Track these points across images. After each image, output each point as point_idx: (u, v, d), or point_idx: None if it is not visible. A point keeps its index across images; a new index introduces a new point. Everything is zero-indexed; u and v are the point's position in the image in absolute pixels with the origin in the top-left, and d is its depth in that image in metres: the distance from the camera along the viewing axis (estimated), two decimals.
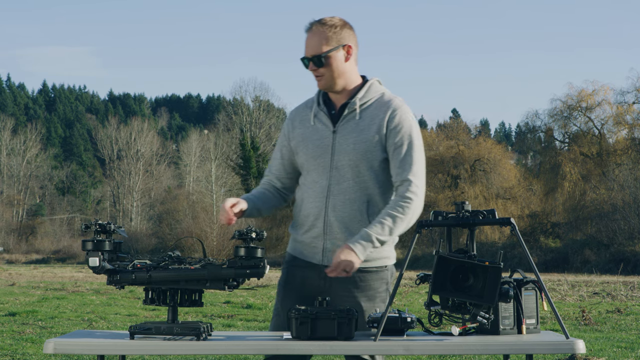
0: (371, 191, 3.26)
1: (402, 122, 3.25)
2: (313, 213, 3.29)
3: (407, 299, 13.57)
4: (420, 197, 3.22)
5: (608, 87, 36.23)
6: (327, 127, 3.31)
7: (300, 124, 3.38)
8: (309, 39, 3.27)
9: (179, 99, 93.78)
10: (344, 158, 3.25)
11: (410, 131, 3.25)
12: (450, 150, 39.17)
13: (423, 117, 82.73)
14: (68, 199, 62.05)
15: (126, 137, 60.49)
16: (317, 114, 3.35)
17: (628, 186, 30.08)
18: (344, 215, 3.24)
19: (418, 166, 3.23)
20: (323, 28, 3.26)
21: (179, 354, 2.94)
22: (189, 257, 3.03)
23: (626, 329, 9.63)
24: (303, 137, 3.35)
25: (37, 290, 16.70)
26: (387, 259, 3.32)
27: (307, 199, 3.32)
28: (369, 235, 3.13)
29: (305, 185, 3.36)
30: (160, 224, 45.94)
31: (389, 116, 3.25)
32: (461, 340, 2.91)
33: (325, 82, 3.29)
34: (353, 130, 3.27)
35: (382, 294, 3.29)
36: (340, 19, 3.31)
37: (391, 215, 3.17)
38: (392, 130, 3.24)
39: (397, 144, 3.23)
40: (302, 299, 3.22)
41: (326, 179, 3.28)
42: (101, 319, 10.94)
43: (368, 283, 3.27)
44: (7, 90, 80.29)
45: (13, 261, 41.41)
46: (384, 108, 3.28)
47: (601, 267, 25.65)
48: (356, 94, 3.31)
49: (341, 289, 3.25)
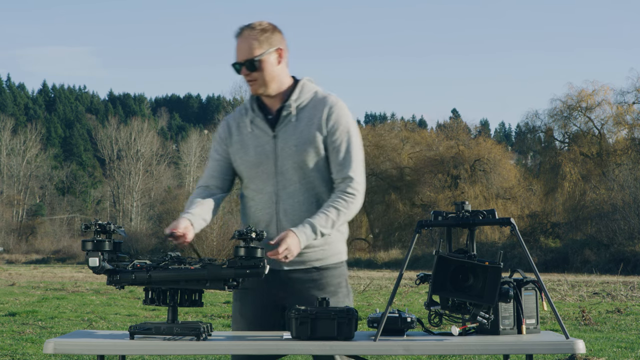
0: (318, 190, 3.29)
1: (340, 119, 3.28)
2: (264, 220, 3.30)
3: (407, 299, 13.58)
4: (361, 194, 3.29)
5: (608, 87, 36.26)
6: (265, 132, 3.30)
7: (237, 131, 3.36)
8: (240, 44, 3.24)
9: (179, 99, 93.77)
10: (288, 162, 3.26)
11: (349, 128, 3.29)
12: (450, 150, 39.18)
13: (423, 117, 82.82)
14: (68, 199, 62.05)
15: (126, 137, 60.48)
16: (254, 120, 3.33)
17: (628, 186, 30.07)
18: (295, 218, 3.26)
19: (358, 163, 3.28)
20: (254, 32, 3.24)
21: (179, 354, 2.94)
22: (189, 257, 3.03)
23: (626, 329, 9.63)
24: (242, 145, 3.33)
25: (37, 290, 16.70)
26: (342, 254, 3.38)
27: (255, 207, 3.32)
28: (315, 227, 3.17)
29: (250, 194, 3.35)
30: (160, 224, 45.88)
31: (327, 114, 3.27)
32: (461, 340, 2.91)
33: (258, 87, 3.27)
34: (293, 133, 3.27)
35: (344, 289, 3.34)
36: (270, 23, 3.30)
37: (336, 208, 3.22)
38: (331, 128, 3.26)
39: (336, 141, 3.26)
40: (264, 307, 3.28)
41: (272, 185, 3.28)
42: (101, 319, 10.94)
43: (328, 280, 3.30)
44: (7, 90, 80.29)
45: (13, 261, 41.38)
46: (320, 106, 3.28)
47: (601, 267, 25.65)
48: (290, 96, 3.30)
49: (303, 290, 3.27)
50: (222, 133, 3.40)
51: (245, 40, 3.24)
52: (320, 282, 3.29)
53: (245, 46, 3.23)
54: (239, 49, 3.25)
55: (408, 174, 39.82)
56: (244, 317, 3.32)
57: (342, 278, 3.35)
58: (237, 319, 3.36)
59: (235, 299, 3.36)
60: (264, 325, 3.28)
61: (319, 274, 3.29)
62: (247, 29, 3.25)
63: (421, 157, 40.07)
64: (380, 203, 39.48)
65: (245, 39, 3.24)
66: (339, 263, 3.35)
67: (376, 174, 39.59)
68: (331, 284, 3.30)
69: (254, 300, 3.30)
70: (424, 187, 38.58)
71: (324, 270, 3.30)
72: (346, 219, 3.27)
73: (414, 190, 38.87)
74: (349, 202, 3.25)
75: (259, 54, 3.23)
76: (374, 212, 39.80)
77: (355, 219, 35.48)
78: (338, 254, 3.35)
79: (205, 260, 2.97)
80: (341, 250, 3.37)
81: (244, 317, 3.32)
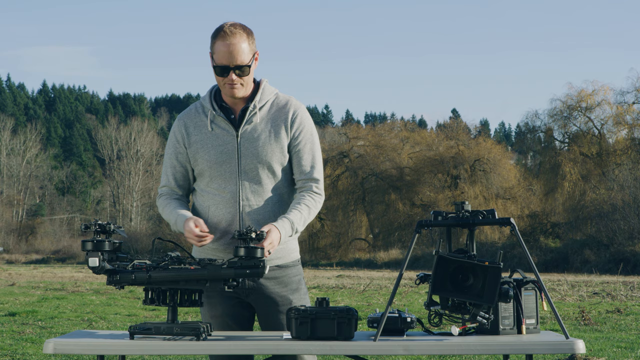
0: (281, 190, 3.35)
1: (304, 122, 3.35)
2: (225, 219, 3.31)
3: (407, 299, 13.58)
4: (323, 196, 3.39)
5: (608, 87, 36.22)
6: (228, 132, 3.32)
7: (196, 130, 3.36)
8: (230, 47, 3.20)
9: (179, 99, 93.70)
10: (252, 161, 3.29)
11: (312, 131, 3.37)
12: (450, 150, 39.16)
13: (423, 117, 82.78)
14: (68, 199, 62.02)
15: (126, 137, 60.49)
16: (214, 120, 3.34)
17: (628, 186, 30.06)
18: (259, 217, 3.30)
19: (321, 166, 3.38)
20: (245, 37, 3.24)
21: (179, 354, 2.94)
22: (189, 257, 3.04)
23: (626, 329, 9.63)
24: (202, 144, 3.34)
25: (37, 290, 16.70)
26: (296, 252, 3.44)
27: (215, 206, 3.33)
28: (292, 223, 3.23)
29: (210, 192, 3.35)
30: (160, 224, 45.88)
31: (292, 117, 3.33)
32: (461, 340, 2.91)
33: (242, 91, 3.29)
34: (257, 134, 3.30)
35: (302, 286, 3.41)
36: (244, 25, 3.30)
37: (307, 205, 3.30)
38: (296, 131, 3.32)
39: (300, 143, 3.33)
40: (233, 306, 3.33)
41: (235, 184, 3.31)
42: (101, 319, 10.95)
43: (289, 277, 3.37)
44: (6, 90, 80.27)
45: (13, 261, 41.39)
46: (284, 109, 3.34)
47: (601, 267, 25.64)
48: (253, 98, 3.33)
49: (267, 289, 3.33)
50: (179, 133, 3.39)
51: (238, 43, 3.22)
52: (282, 279, 3.36)
53: (239, 50, 3.22)
54: (229, 52, 3.21)
55: (408, 174, 39.80)
56: (215, 318, 3.36)
57: (300, 276, 3.43)
58: (209, 321, 3.37)
59: (203, 304, 3.29)
60: (236, 322, 3.35)
61: (280, 271, 3.36)
62: (240, 31, 3.23)
63: (421, 157, 40.06)
64: (380, 203, 39.47)
65: (239, 43, 3.22)
66: (296, 261, 3.43)
67: (376, 174, 39.60)
68: (292, 282, 3.38)
69: (221, 301, 3.34)
70: (423, 187, 38.57)
71: (284, 268, 3.37)
72: (312, 218, 3.34)
73: (414, 190, 38.85)
74: (317, 202, 3.34)
75: (250, 59, 3.25)
76: (374, 212, 39.80)
77: (355, 219, 35.14)
78: (294, 252, 3.42)
79: (205, 261, 2.97)
80: (295, 249, 3.44)
81: (215, 319, 3.36)
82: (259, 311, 3.38)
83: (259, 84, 3.37)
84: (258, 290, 3.33)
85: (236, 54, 3.21)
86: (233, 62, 3.22)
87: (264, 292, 3.33)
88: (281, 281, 3.35)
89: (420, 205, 38.01)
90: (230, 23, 3.26)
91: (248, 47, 3.24)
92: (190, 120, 3.38)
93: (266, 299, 3.33)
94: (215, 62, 3.25)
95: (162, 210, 3.39)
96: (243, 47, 3.22)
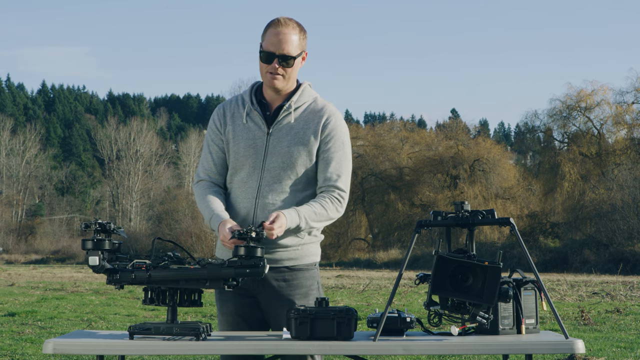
0: (301, 193, 3.30)
1: (336, 129, 3.32)
2: (241, 214, 3.31)
3: (406, 299, 13.58)
4: (344, 206, 3.33)
5: (607, 87, 36.22)
6: (260, 128, 3.32)
7: (231, 121, 3.37)
8: (281, 36, 3.23)
9: (178, 99, 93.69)
10: (277, 160, 3.28)
11: (343, 140, 3.33)
12: (449, 150, 39.17)
13: (422, 117, 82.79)
14: (67, 199, 61.97)
15: (125, 137, 60.44)
16: (250, 113, 3.35)
17: (627, 186, 30.06)
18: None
19: (347, 177, 3.33)
20: (297, 31, 3.27)
21: (179, 354, 2.95)
22: (188, 257, 3.04)
23: (625, 329, 9.63)
24: (234, 135, 3.35)
25: (36, 290, 16.69)
26: (315, 256, 3.38)
27: (236, 199, 3.33)
28: (299, 213, 3.19)
29: (234, 184, 3.36)
30: (160, 224, 45.85)
31: (324, 122, 3.30)
32: (460, 340, 2.91)
33: (282, 83, 3.29)
34: (287, 134, 3.29)
35: (315, 292, 3.34)
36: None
37: (321, 205, 3.25)
38: (326, 136, 3.30)
39: (329, 150, 3.29)
40: (243, 305, 3.31)
41: (256, 180, 3.30)
42: (100, 319, 10.95)
43: (300, 281, 3.31)
44: (6, 90, 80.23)
45: (12, 261, 41.37)
46: (319, 113, 3.32)
47: (600, 267, 25.64)
48: (291, 97, 3.32)
49: (274, 288, 3.29)
50: (218, 120, 3.40)
51: (290, 35, 3.25)
52: (293, 282, 3.30)
53: (289, 40, 3.24)
54: (279, 40, 3.23)
55: (407, 174, 39.81)
56: (225, 315, 3.36)
57: (314, 280, 3.36)
58: (220, 318, 3.40)
59: (217, 300, 3.39)
60: (246, 321, 3.32)
61: (291, 274, 3.30)
62: (294, 25, 3.27)
63: (420, 157, 40.06)
64: (380, 203, 39.47)
65: (290, 35, 3.25)
66: (311, 265, 3.36)
67: (375, 174, 39.60)
68: (303, 286, 3.31)
69: (233, 299, 3.32)
70: (423, 187, 38.56)
71: (296, 271, 3.31)
72: (327, 219, 3.28)
73: (414, 190, 38.85)
74: (335, 207, 3.28)
75: (298, 52, 3.26)
76: (373, 212, 39.79)
77: (355, 218, 35.18)
78: (310, 256, 3.36)
79: (204, 260, 2.97)
80: (314, 253, 3.38)
81: (225, 316, 3.36)
82: (268, 312, 3.33)
83: (300, 85, 3.37)
84: (266, 289, 3.29)
85: (284, 43, 3.23)
86: (279, 51, 3.23)
87: (272, 293, 3.29)
88: (291, 284, 3.30)
89: (419, 205, 38.01)
90: (286, 16, 3.29)
91: (297, 41, 3.26)
92: (228, 110, 3.40)
93: (274, 300, 3.28)
94: (262, 48, 3.27)
95: (198, 200, 3.37)
96: (293, 39, 3.24)
